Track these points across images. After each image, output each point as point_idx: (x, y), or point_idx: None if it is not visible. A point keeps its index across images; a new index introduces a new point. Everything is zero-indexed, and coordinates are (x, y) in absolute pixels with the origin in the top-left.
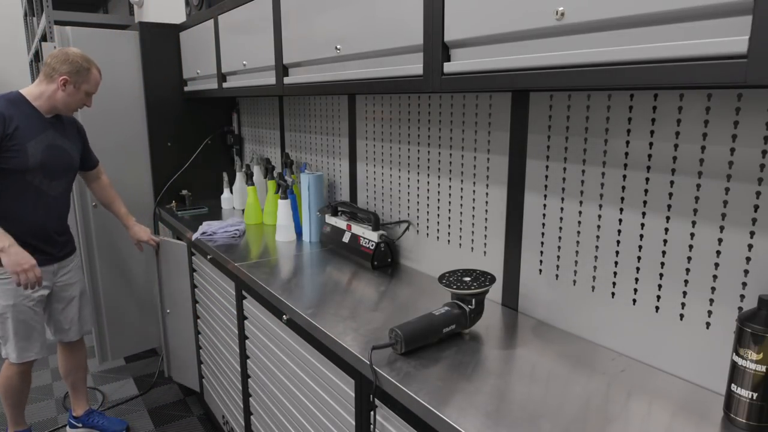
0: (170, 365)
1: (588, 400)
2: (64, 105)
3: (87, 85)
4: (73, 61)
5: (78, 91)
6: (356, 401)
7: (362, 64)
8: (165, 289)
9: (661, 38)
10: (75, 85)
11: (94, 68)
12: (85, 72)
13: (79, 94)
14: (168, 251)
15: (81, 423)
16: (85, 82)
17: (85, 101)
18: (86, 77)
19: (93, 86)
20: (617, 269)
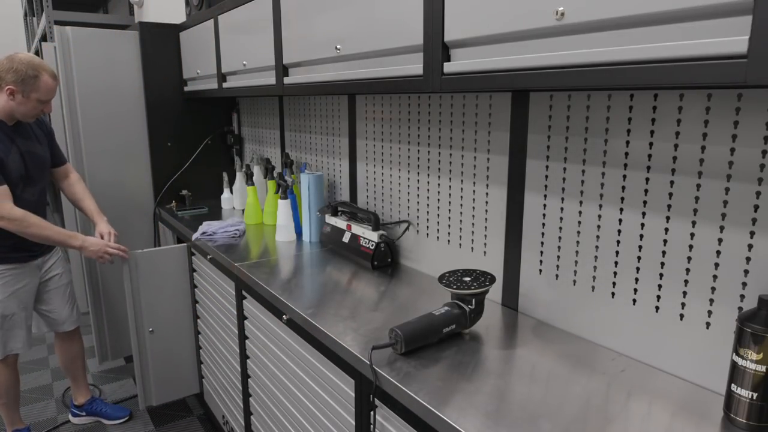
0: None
1: (588, 400)
2: (20, 114)
3: (36, 93)
4: (17, 69)
5: (29, 100)
6: (356, 401)
7: (362, 64)
8: (145, 304)
9: (661, 38)
10: (23, 94)
11: (44, 75)
12: (31, 80)
13: (30, 102)
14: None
15: (84, 411)
16: (34, 90)
17: (42, 108)
18: (34, 85)
19: (44, 93)
20: (617, 269)
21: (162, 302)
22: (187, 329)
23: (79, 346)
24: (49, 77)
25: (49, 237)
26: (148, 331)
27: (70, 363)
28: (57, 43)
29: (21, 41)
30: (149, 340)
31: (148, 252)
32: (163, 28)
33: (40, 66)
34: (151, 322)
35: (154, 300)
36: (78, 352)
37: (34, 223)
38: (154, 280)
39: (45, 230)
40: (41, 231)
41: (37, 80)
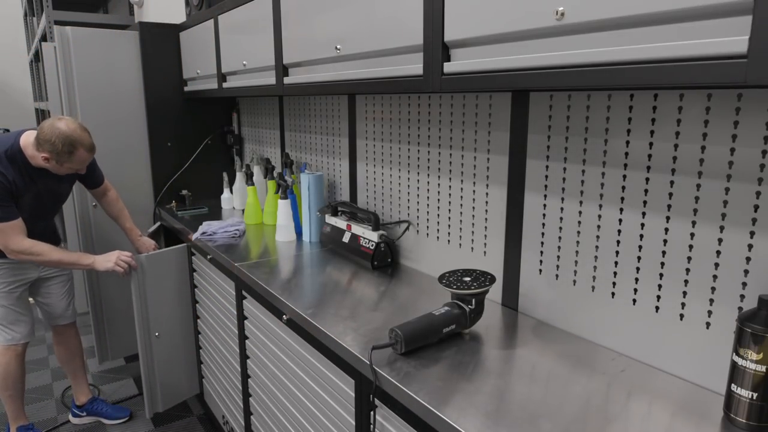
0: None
1: (588, 400)
2: (54, 170)
3: (70, 164)
4: (54, 143)
5: (62, 167)
6: (356, 401)
7: (362, 64)
8: (151, 308)
9: (661, 38)
10: (57, 161)
11: (80, 150)
12: (66, 155)
13: (63, 168)
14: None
15: (85, 411)
16: (68, 162)
17: (74, 171)
18: (68, 159)
19: (77, 165)
20: (617, 269)
21: (165, 304)
22: (187, 330)
23: (77, 343)
24: (84, 151)
25: (61, 261)
26: (155, 336)
27: (68, 360)
28: (57, 43)
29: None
30: (155, 345)
31: (154, 255)
32: (163, 28)
33: (77, 141)
34: (156, 326)
35: (158, 303)
36: (76, 350)
37: (44, 252)
38: (158, 282)
39: (55, 256)
40: (51, 258)
41: (71, 155)
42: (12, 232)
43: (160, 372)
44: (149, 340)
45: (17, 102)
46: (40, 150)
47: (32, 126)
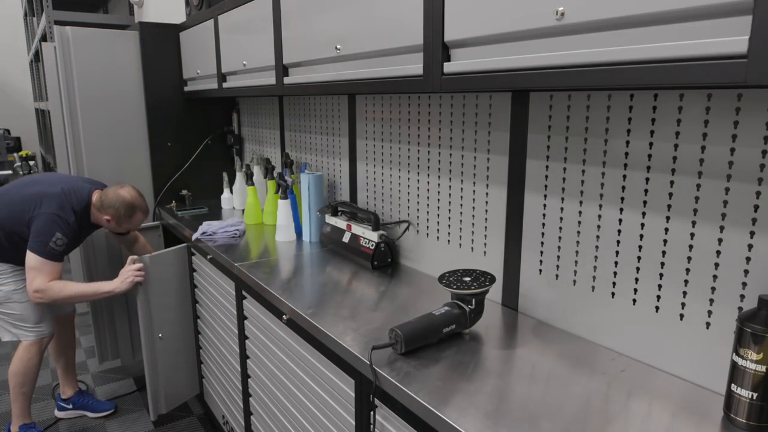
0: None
1: (588, 400)
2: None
3: (128, 225)
4: (117, 208)
5: (121, 227)
6: (356, 401)
7: (362, 64)
8: (155, 310)
9: (661, 38)
10: (117, 223)
11: (138, 213)
12: (126, 218)
13: (121, 228)
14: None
15: (71, 404)
16: (126, 223)
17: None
18: (128, 221)
19: (134, 226)
20: (617, 269)
21: (166, 305)
22: (188, 330)
23: (72, 336)
24: (141, 214)
25: (84, 294)
26: (158, 337)
27: (61, 352)
28: (57, 43)
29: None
30: (159, 347)
31: (157, 255)
32: (163, 28)
33: (137, 207)
34: (160, 327)
35: (161, 304)
36: (70, 341)
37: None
38: (159, 283)
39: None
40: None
41: (131, 218)
42: (48, 273)
43: (164, 373)
44: (153, 342)
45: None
46: (104, 213)
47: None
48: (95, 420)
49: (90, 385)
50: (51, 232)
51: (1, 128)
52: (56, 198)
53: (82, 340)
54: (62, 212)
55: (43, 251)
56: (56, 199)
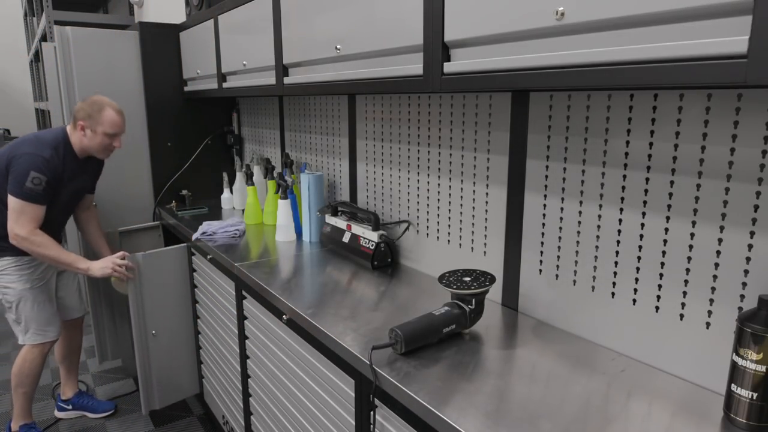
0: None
1: (588, 400)
2: (93, 150)
3: (102, 126)
4: (84, 108)
5: (96, 135)
6: (356, 401)
7: (362, 64)
8: (148, 307)
9: (661, 38)
10: (91, 128)
11: (107, 109)
12: (97, 115)
13: (98, 137)
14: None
15: (71, 405)
16: (99, 124)
17: (111, 142)
18: (99, 119)
19: (109, 126)
20: (617, 269)
21: (163, 303)
22: (187, 330)
23: (80, 339)
24: (112, 111)
25: (58, 258)
26: (151, 334)
27: (68, 353)
28: (57, 43)
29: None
30: (152, 343)
31: (150, 254)
32: (163, 28)
33: (104, 102)
34: (153, 324)
35: (156, 302)
36: (78, 344)
37: (44, 243)
38: (156, 281)
39: (53, 252)
40: (49, 252)
41: (101, 114)
42: (30, 215)
43: (157, 370)
44: (145, 338)
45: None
46: (77, 126)
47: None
48: (95, 420)
49: (90, 385)
50: (26, 171)
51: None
52: (28, 141)
53: (82, 339)
54: (36, 149)
55: (20, 192)
56: (28, 142)
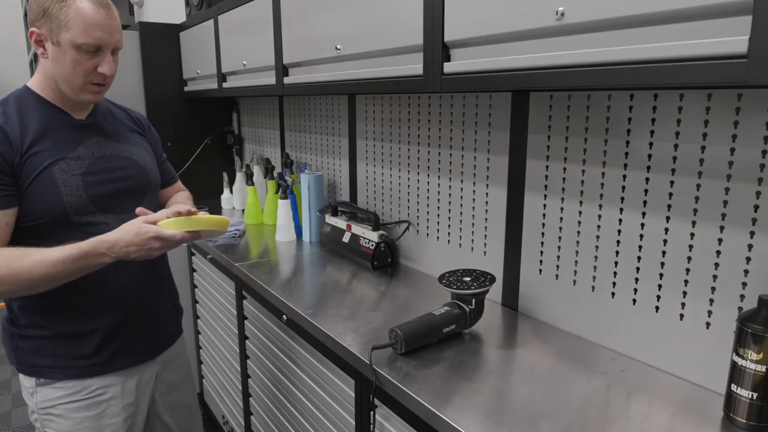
0: None
1: (588, 400)
2: (64, 83)
3: (68, 31)
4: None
5: (61, 50)
6: (356, 401)
7: (362, 64)
8: None
9: (662, 38)
10: (51, 39)
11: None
12: (56, 6)
13: (65, 53)
14: None
15: None
16: (64, 27)
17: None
18: (60, 17)
19: (80, 32)
20: (617, 269)
21: None
22: (187, 330)
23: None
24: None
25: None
26: None
27: None
28: None
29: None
30: None
31: None
32: (163, 28)
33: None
34: None
35: None
36: None
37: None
38: None
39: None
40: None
41: (62, 8)
42: None
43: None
44: None
45: None
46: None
47: None
48: None
49: None
50: None
51: None
52: None
53: None
54: None
55: None
56: None
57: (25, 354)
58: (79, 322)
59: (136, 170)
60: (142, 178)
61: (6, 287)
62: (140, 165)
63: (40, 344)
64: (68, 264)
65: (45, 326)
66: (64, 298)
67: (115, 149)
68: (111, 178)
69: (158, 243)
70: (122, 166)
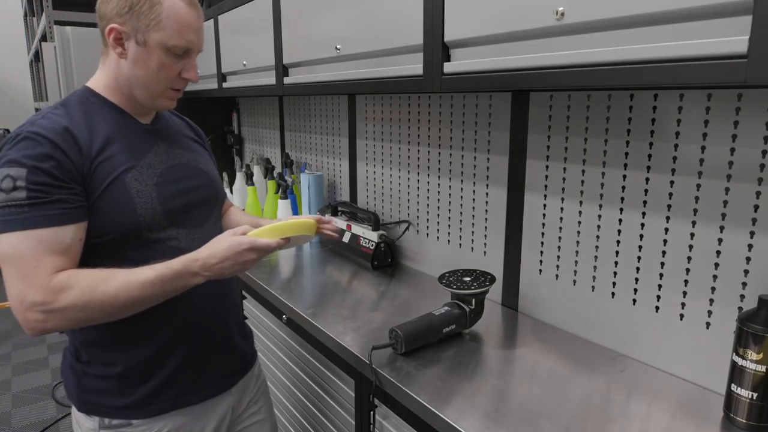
0: None
1: (588, 400)
2: (142, 88)
3: (159, 32)
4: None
5: (148, 51)
6: (356, 401)
7: (362, 64)
8: None
9: (662, 38)
10: (137, 38)
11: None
12: (146, 4)
13: (151, 55)
14: None
15: None
16: (154, 27)
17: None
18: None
19: (173, 33)
20: (617, 269)
21: None
22: None
23: None
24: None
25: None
26: None
27: None
28: (57, 43)
29: (21, 41)
30: None
31: None
32: None
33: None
34: None
35: None
36: None
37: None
38: None
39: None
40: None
41: (155, 6)
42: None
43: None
44: None
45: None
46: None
47: None
48: None
49: None
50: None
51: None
52: None
53: None
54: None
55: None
56: None
57: (89, 393)
58: (149, 354)
59: (206, 180)
60: (211, 188)
61: (88, 314)
62: (209, 175)
63: (107, 383)
64: (158, 285)
65: (111, 363)
66: (132, 329)
67: (183, 157)
68: (184, 188)
69: (253, 254)
70: (193, 175)
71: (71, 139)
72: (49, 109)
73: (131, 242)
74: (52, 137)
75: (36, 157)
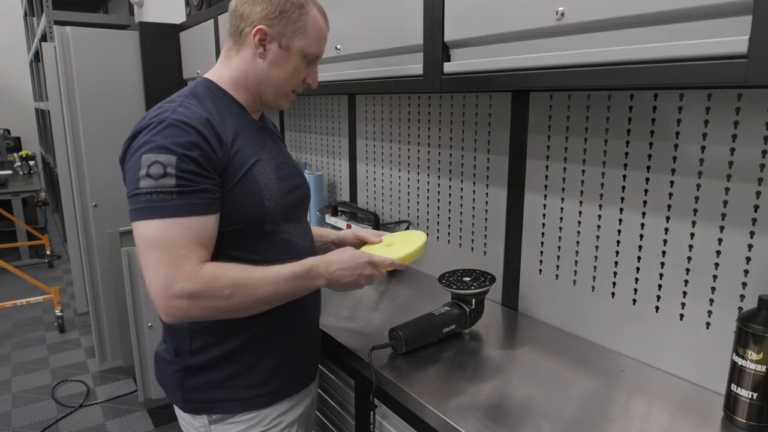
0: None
1: (588, 400)
2: (273, 88)
3: (302, 39)
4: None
5: (289, 54)
6: (356, 401)
7: (362, 64)
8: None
9: (662, 38)
10: (281, 42)
11: (312, 7)
12: (295, 15)
13: (290, 59)
14: None
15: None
16: (299, 34)
17: (303, 77)
18: (297, 23)
19: (313, 41)
20: (617, 269)
21: None
22: None
23: None
24: (319, 14)
25: (277, 293)
26: (147, 326)
27: None
28: (57, 43)
29: (21, 41)
30: (148, 335)
31: None
32: (163, 28)
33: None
34: (150, 317)
35: None
36: None
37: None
38: None
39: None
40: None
41: (302, 13)
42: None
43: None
44: (142, 329)
45: (17, 102)
46: (245, 27)
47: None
48: (95, 420)
49: (90, 386)
50: (137, 162)
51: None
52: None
53: (82, 340)
54: (149, 120)
55: (134, 204)
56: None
57: (195, 391)
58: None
59: (303, 179)
60: (307, 187)
61: (230, 305)
62: (303, 175)
63: (211, 377)
64: (292, 282)
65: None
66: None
67: (285, 156)
68: (293, 185)
69: (369, 270)
70: (294, 174)
71: (212, 129)
72: (178, 98)
73: (254, 233)
74: (197, 126)
75: (184, 145)
